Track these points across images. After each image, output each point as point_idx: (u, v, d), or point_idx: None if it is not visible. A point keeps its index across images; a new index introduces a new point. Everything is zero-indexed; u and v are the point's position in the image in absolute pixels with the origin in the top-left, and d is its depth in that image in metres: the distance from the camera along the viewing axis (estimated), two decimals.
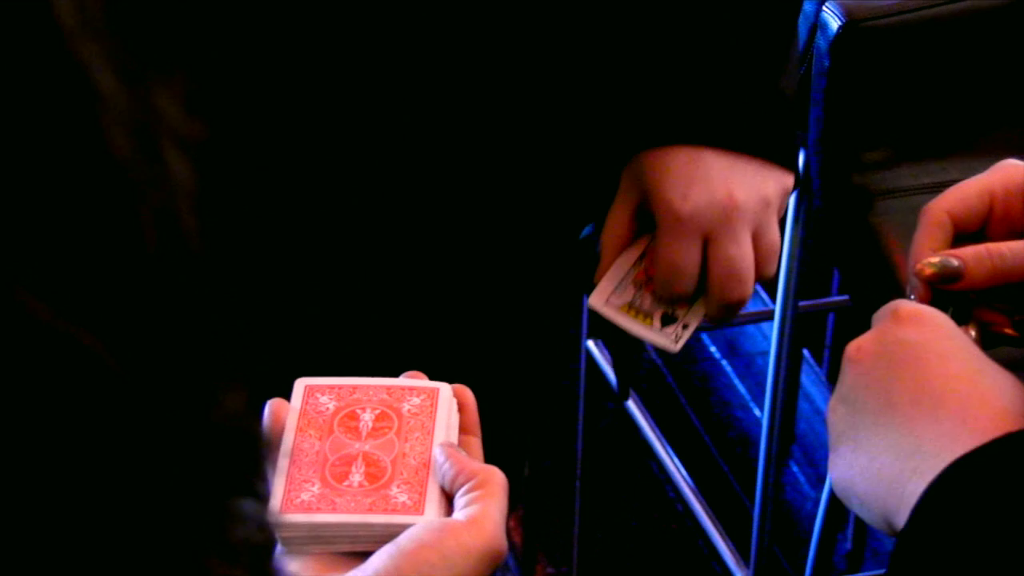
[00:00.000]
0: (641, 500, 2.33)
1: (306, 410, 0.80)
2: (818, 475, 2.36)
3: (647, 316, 1.16)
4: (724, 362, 2.56)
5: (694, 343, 2.57)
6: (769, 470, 2.04)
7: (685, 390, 2.49)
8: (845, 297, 2.28)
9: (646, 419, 2.34)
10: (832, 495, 1.85)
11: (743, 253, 1.12)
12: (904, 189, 1.60)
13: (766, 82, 1.14)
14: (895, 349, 0.75)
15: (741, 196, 1.11)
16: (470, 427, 0.81)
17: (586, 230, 1.22)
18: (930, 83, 1.63)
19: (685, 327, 1.16)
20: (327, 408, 0.80)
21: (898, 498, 0.71)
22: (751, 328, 2.57)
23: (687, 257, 1.11)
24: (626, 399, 1.83)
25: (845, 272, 2.09)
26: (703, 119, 1.13)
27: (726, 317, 1.17)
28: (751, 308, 2.52)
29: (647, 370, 2.50)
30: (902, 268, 1.56)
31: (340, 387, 0.81)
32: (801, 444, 2.41)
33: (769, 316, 2.45)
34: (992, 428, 0.70)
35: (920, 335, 0.75)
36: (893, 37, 1.57)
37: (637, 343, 1.18)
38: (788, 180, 1.14)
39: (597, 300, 1.17)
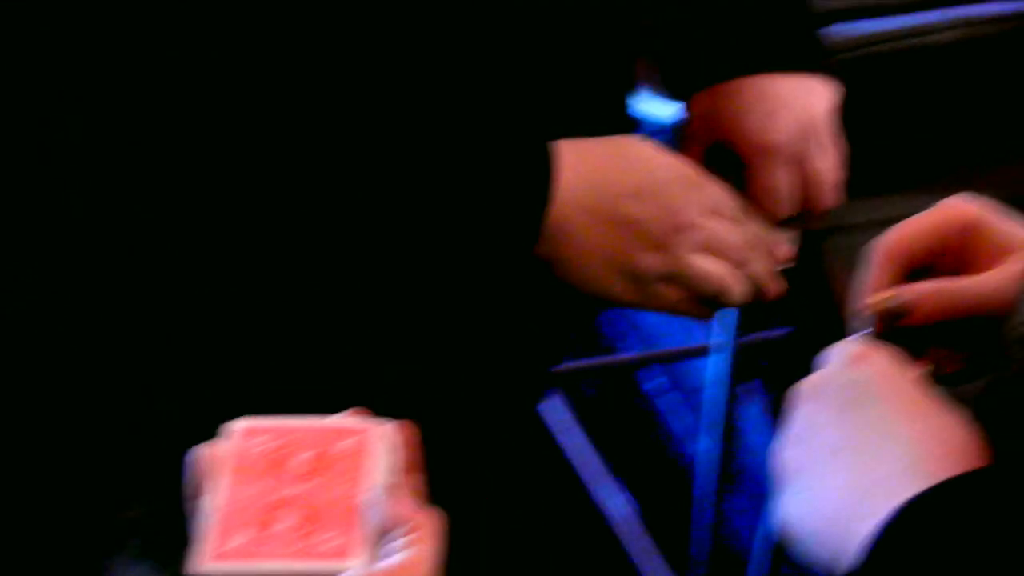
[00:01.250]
0: (583, 534, 2.33)
1: (239, 452, 0.78)
2: (759, 508, 2.36)
3: None
4: (668, 395, 2.56)
5: (636, 376, 2.57)
6: (706, 502, 2.05)
7: (628, 423, 2.49)
8: (789, 330, 2.28)
9: (589, 452, 2.34)
10: (770, 532, 1.85)
11: (829, 164, 1.20)
12: (851, 225, 1.61)
13: (797, 3, 1.20)
14: (845, 389, 0.76)
15: (815, 112, 1.18)
16: (412, 466, 0.80)
17: None
18: (877, 121, 1.64)
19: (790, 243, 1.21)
20: (261, 450, 0.78)
21: (849, 539, 0.71)
22: (693, 361, 2.57)
23: (785, 181, 1.18)
24: None
25: (790, 305, 2.10)
26: (762, 48, 1.18)
27: (817, 225, 1.24)
28: (694, 341, 2.52)
29: (589, 402, 2.50)
30: (848, 302, 1.57)
31: (275, 428, 0.79)
32: (743, 477, 2.41)
33: (713, 349, 2.46)
34: (943, 469, 0.70)
35: (870, 374, 0.76)
36: (841, 74, 1.58)
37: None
38: (836, 87, 1.21)
39: None
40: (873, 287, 0.84)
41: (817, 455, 0.75)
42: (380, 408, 0.85)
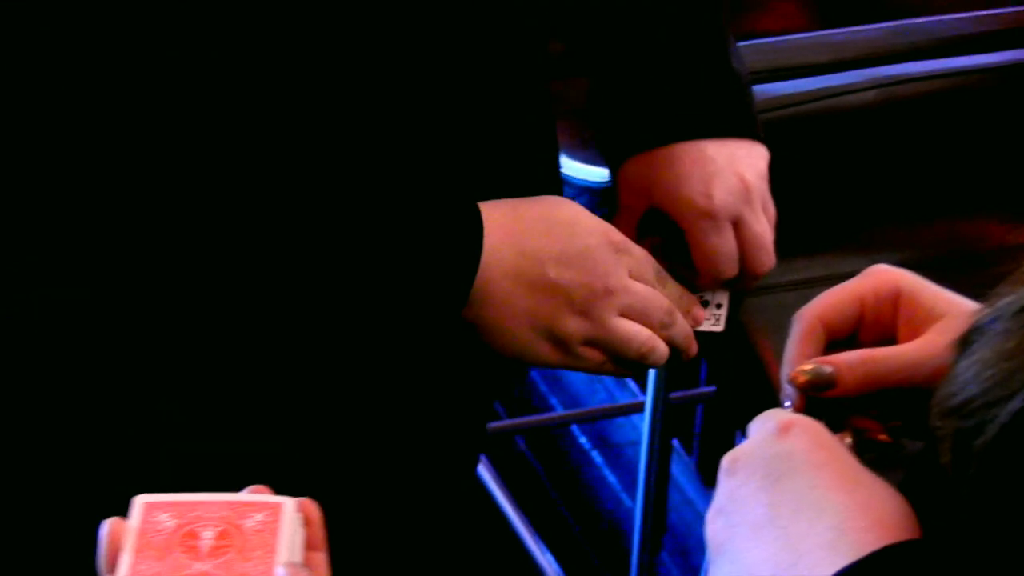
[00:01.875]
0: None
1: (144, 529, 0.77)
2: (689, 566, 2.36)
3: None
4: (594, 452, 2.56)
5: (562, 434, 2.57)
6: (643, 562, 2.04)
7: (554, 481, 2.49)
8: (712, 388, 2.29)
9: (516, 511, 2.33)
10: None
11: (764, 227, 1.21)
12: (771, 285, 1.61)
13: (726, 68, 1.21)
14: (771, 461, 0.75)
15: (749, 177, 1.19)
16: (316, 543, 0.79)
17: None
18: (798, 179, 1.65)
19: (719, 306, 1.23)
20: (167, 526, 0.78)
21: None
22: (620, 419, 2.58)
23: (727, 244, 1.19)
24: None
25: (713, 364, 2.10)
26: (694, 114, 1.19)
27: (751, 287, 1.24)
28: (620, 400, 2.53)
29: (515, 461, 2.50)
30: (769, 362, 1.57)
31: (180, 503, 0.79)
32: (672, 533, 2.41)
33: (639, 408, 2.46)
34: (871, 539, 0.70)
35: (795, 446, 0.75)
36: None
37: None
38: (766, 153, 1.22)
39: None
40: (796, 358, 0.84)
41: (742, 529, 0.74)
42: (319, 467, 0.84)
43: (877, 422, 0.83)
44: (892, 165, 1.67)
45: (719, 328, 1.23)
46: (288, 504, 0.79)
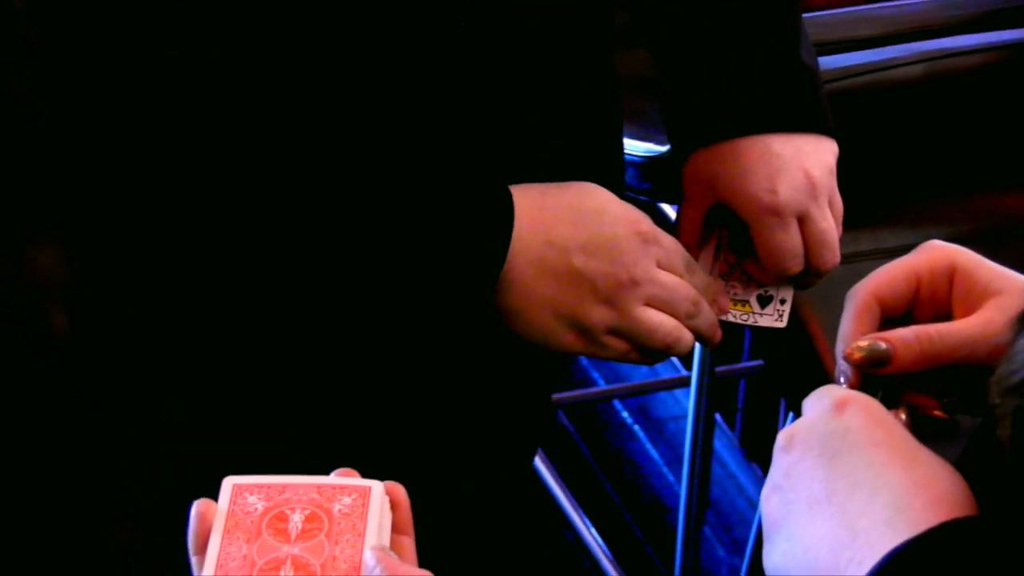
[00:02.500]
0: (556, 569, 2.32)
1: (233, 511, 0.78)
2: (732, 539, 2.37)
3: (744, 304, 1.23)
4: (636, 427, 2.56)
5: (605, 409, 2.57)
6: (688, 536, 2.05)
7: (598, 456, 2.49)
8: (758, 362, 2.29)
9: (560, 487, 2.34)
10: (752, 562, 1.86)
11: (830, 224, 1.20)
12: None
13: (795, 61, 1.20)
14: (827, 438, 0.75)
15: (816, 173, 1.19)
16: (403, 527, 0.80)
17: None
18: (846, 154, 1.64)
19: (783, 302, 1.23)
20: (255, 509, 0.78)
21: None
22: (662, 394, 2.58)
23: (793, 240, 1.18)
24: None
25: (757, 338, 2.10)
26: (763, 108, 1.18)
27: (816, 283, 1.23)
28: (664, 375, 2.53)
29: (558, 436, 2.50)
30: (816, 335, 1.57)
31: (269, 486, 0.79)
32: (715, 508, 2.42)
33: (681, 382, 2.46)
34: (928, 516, 0.70)
35: (852, 423, 0.75)
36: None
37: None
38: (835, 146, 1.22)
39: None
40: (852, 335, 0.84)
41: (799, 506, 0.74)
42: (374, 463, 0.85)
43: (933, 398, 0.83)
44: (938, 139, 1.66)
45: (782, 324, 1.23)
46: (376, 487, 0.79)
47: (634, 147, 1.63)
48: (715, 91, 1.19)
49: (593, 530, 2.29)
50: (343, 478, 0.80)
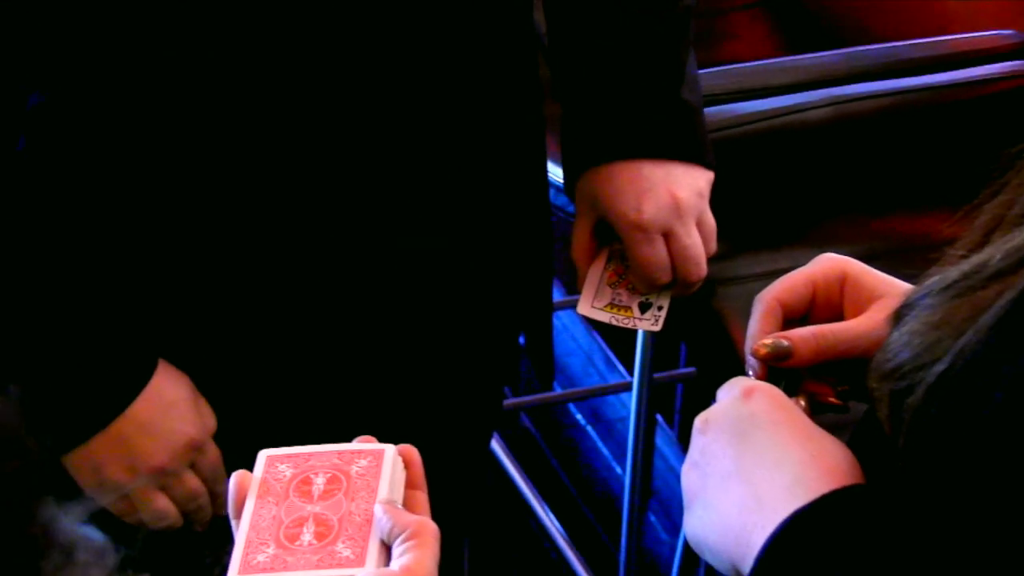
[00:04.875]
0: (522, 552, 2.32)
1: (266, 479, 0.78)
2: (672, 524, 2.36)
3: (627, 309, 1.23)
4: (588, 428, 2.55)
5: (562, 411, 2.56)
6: (632, 521, 2.04)
7: (556, 454, 2.48)
8: (692, 369, 2.29)
9: (523, 480, 2.33)
10: (687, 543, 1.86)
11: (695, 241, 1.19)
12: (742, 276, 1.62)
13: (674, 98, 1.19)
14: (737, 420, 0.76)
15: (682, 195, 1.18)
16: (416, 482, 0.80)
17: None
18: (762, 185, 1.66)
19: (660, 308, 1.23)
20: (284, 475, 0.79)
21: (744, 548, 0.71)
22: (611, 397, 2.57)
23: (658, 254, 1.18)
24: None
25: (692, 347, 2.11)
26: (635, 136, 1.18)
27: (690, 292, 1.23)
28: (611, 380, 2.53)
29: (521, 436, 2.49)
30: (740, 344, 1.58)
31: (297, 455, 0.80)
32: (657, 497, 2.41)
33: (627, 387, 2.46)
34: (823, 485, 0.71)
35: (757, 407, 0.76)
36: (729, 147, 1.60)
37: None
38: (710, 173, 1.21)
39: (584, 307, 1.24)
40: (758, 333, 0.84)
41: (713, 479, 0.75)
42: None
43: (828, 387, 0.83)
44: (844, 172, 1.67)
45: (657, 328, 1.23)
46: (389, 450, 0.79)
47: (556, 171, 1.65)
48: (599, 121, 1.20)
49: (552, 516, 2.28)
50: (361, 444, 0.80)
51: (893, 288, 0.83)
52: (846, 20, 2.35)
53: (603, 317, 1.23)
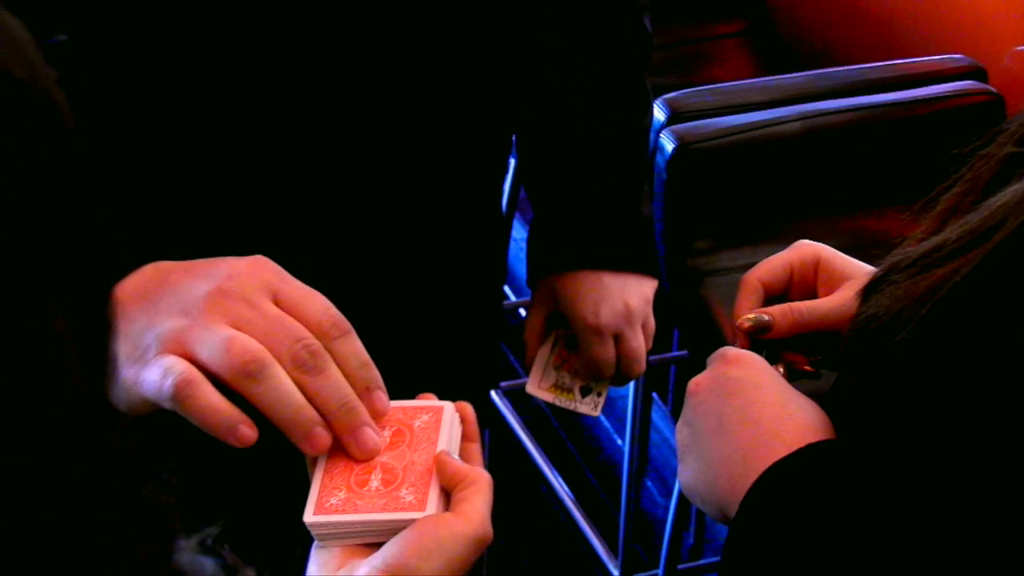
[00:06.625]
0: (533, 514, 2.32)
1: None
2: (666, 488, 2.35)
3: (569, 391, 1.21)
4: None
5: None
6: (631, 485, 2.04)
7: (565, 428, 2.48)
8: (684, 352, 2.29)
9: (537, 451, 2.34)
10: (679, 503, 1.86)
11: (640, 343, 1.18)
12: (725, 269, 1.62)
13: (636, 214, 1.19)
14: (723, 383, 0.76)
15: (634, 303, 1.17)
16: (471, 435, 0.79)
17: None
18: (742, 189, 1.65)
19: (599, 395, 1.22)
20: None
21: (730, 496, 0.71)
22: None
23: (608, 353, 1.17)
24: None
25: (684, 333, 2.11)
26: (600, 249, 1.17)
27: (626, 384, 1.23)
28: None
29: (534, 412, 2.49)
30: (726, 328, 1.57)
31: None
32: (653, 465, 2.41)
33: None
34: (798, 440, 0.71)
35: (742, 372, 0.76)
36: (714, 156, 1.60)
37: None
38: (655, 283, 1.21)
39: (532, 387, 1.24)
40: (741, 310, 0.85)
41: (703, 435, 0.75)
42: None
43: (804, 356, 0.83)
44: (814, 177, 1.67)
45: (595, 413, 1.22)
46: (448, 407, 0.78)
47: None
48: (568, 232, 1.18)
49: (561, 481, 2.28)
50: (423, 401, 0.79)
51: (860, 270, 0.83)
52: (816, 47, 2.35)
53: (547, 397, 1.22)
